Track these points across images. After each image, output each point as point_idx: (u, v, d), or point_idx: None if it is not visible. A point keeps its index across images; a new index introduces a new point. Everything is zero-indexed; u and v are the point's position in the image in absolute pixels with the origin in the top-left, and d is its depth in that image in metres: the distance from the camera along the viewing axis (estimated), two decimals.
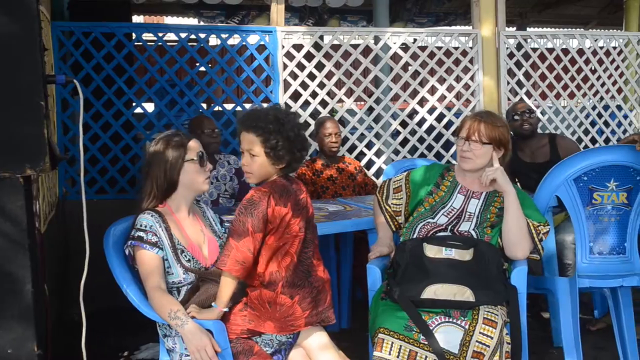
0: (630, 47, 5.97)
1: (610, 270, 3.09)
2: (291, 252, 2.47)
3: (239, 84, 5.01)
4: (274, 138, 2.43)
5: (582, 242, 3.09)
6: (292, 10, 9.31)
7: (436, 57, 5.34)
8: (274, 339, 2.49)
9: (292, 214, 2.44)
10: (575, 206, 3.08)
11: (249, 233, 2.37)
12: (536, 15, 11.06)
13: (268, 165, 2.47)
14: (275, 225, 2.42)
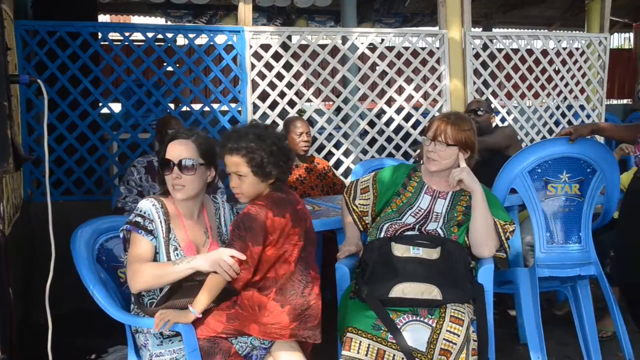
0: (592, 48, 6.09)
1: (567, 260, 3.18)
2: (289, 260, 2.45)
3: (207, 84, 4.99)
4: (258, 156, 2.42)
5: (539, 232, 3.17)
6: (260, 10, 9.30)
7: (403, 58, 5.38)
8: (248, 342, 2.47)
9: (291, 224, 2.43)
10: (531, 197, 3.16)
11: (248, 248, 2.36)
12: (501, 16, 11.21)
13: (257, 183, 2.47)
14: (275, 237, 2.41)
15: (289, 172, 2.57)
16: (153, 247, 2.48)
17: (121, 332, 2.61)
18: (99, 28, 4.90)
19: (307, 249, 2.52)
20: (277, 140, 2.49)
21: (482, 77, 5.64)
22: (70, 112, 4.68)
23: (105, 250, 2.77)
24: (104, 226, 2.82)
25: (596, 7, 6.54)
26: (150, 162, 4.09)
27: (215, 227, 2.67)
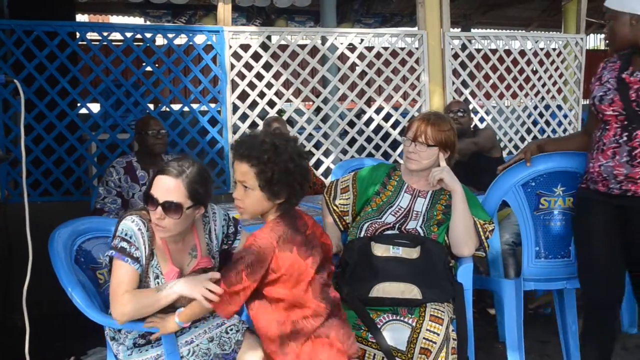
0: (568, 49, 6.15)
1: (554, 274, 3.15)
2: (309, 298, 2.19)
3: (186, 84, 4.98)
4: (269, 170, 2.10)
5: (528, 246, 3.14)
6: (239, 10, 9.29)
7: (383, 58, 5.40)
8: (204, 348, 2.42)
9: (302, 254, 2.16)
10: (523, 211, 3.12)
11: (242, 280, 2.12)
12: (480, 17, 11.30)
13: (263, 201, 2.16)
14: (283, 272, 2.14)
15: (301, 197, 2.23)
16: (138, 275, 2.35)
17: (100, 334, 2.59)
18: (77, 28, 4.87)
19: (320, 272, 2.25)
20: (297, 157, 2.15)
21: (461, 78, 5.68)
22: (48, 113, 4.65)
23: (83, 252, 2.74)
24: (83, 227, 2.79)
25: (573, 9, 6.61)
26: (130, 163, 4.07)
27: (205, 243, 2.54)
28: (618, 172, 2.62)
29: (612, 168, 2.64)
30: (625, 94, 2.61)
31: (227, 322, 2.52)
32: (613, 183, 2.64)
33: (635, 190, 2.58)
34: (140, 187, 3.99)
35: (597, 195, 2.72)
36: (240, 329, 2.53)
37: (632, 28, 2.61)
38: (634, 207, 2.60)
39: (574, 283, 3.16)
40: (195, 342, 2.42)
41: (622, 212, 2.65)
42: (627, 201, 2.62)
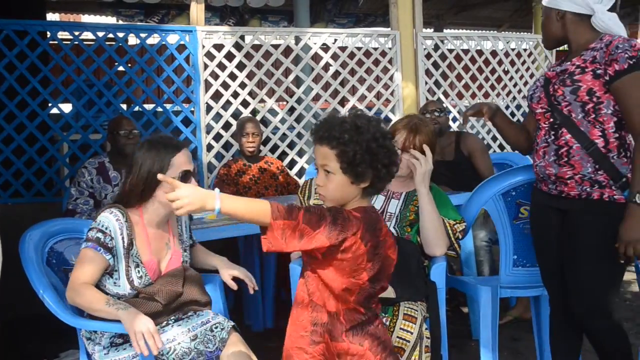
0: (539, 49, 6.23)
1: (531, 281, 3.15)
2: (356, 307, 2.02)
3: (159, 84, 4.95)
4: (351, 150, 1.93)
5: (506, 254, 3.14)
6: (212, 9, 9.25)
7: (356, 58, 5.42)
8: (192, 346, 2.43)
9: (367, 257, 1.96)
10: (503, 220, 3.12)
11: (318, 229, 1.87)
12: (452, 17, 11.37)
13: (346, 185, 1.97)
14: (346, 259, 1.93)
15: (387, 181, 2.03)
16: (107, 265, 2.40)
17: (73, 336, 2.58)
18: (48, 27, 4.81)
19: (371, 288, 2.04)
20: (380, 137, 1.97)
21: (434, 77, 5.72)
22: (18, 113, 4.59)
23: (55, 254, 2.73)
24: (54, 229, 2.77)
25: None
26: (102, 163, 4.04)
27: (177, 235, 2.64)
28: (549, 173, 2.61)
29: (544, 168, 2.64)
30: (547, 89, 2.62)
31: (213, 320, 2.54)
32: (549, 183, 2.65)
33: (568, 192, 2.58)
34: (113, 187, 3.97)
35: (543, 197, 2.73)
36: (226, 327, 2.53)
37: (558, 24, 2.62)
38: (569, 209, 2.59)
39: None
40: (177, 341, 2.42)
41: (563, 216, 2.64)
42: (564, 203, 2.61)
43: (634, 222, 2.39)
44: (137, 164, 2.48)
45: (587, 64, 2.50)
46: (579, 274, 2.60)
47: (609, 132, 2.49)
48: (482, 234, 4.03)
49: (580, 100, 2.50)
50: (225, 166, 4.53)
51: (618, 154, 2.49)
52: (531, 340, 3.57)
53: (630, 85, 2.41)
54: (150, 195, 2.49)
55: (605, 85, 2.47)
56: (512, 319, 4.10)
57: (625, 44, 2.44)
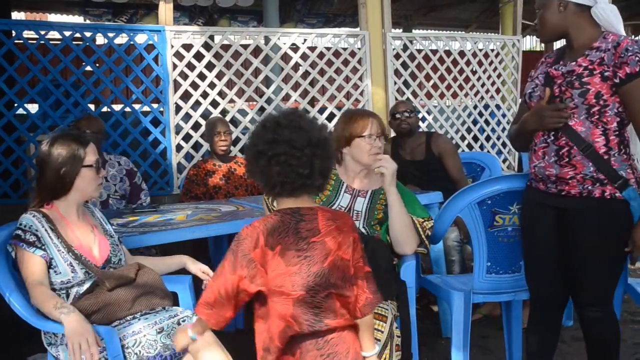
0: (506, 50, 6.31)
1: (503, 288, 3.18)
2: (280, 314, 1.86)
3: (128, 84, 4.92)
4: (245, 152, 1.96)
5: (480, 261, 3.14)
6: (181, 9, 9.21)
7: (325, 58, 5.44)
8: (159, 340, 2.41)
9: (285, 258, 1.84)
10: (478, 228, 3.12)
11: (224, 272, 1.85)
12: (421, 17, 11.46)
13: None
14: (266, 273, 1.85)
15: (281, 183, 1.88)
16: (40, 258, 2.43)
17: (40, 339, 2.55)
18: (13, 26, 4.75)
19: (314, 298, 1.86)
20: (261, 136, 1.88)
21: (403, 78, 5.76)
22: None
23: None
24: None
25: (509, 11, 6.79)
26: None
27: (99, 224, 2.69)
28: (549, 173, 2.61)
29: (544, 169, 2.63)
30: (551, 89, 2.59)
31: (181, 314, 2.53)
32: (549, 183, 2.65)
33: (569, 190, 2.58)
34: None
35: (539, 195, 2.72)
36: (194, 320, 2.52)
37: (561, 15, 2.56)
38: (570, 208, 2.60)
39: (521, 295, 3.20)
40: (142, 333, 2.41)
41: (561, 214, 2.65)
42: (563, 202, 2.61)
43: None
44: (48, 162, 2.50)
45: (595, 65, 2.47)
46: (580, 269, 2.63)
47: (610, 132, 2.49)
48: (454, 234, 4.07)
49: (588, 103, 2.48)
50: (195, 167, 4.51)
51: (619, 151, 2.50)
52: (500, 338, 3.62)
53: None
54: (68, 190, 2.53)
55: (612, 87, 2.45)
56: (481, 317, 4.15)
57: (635, 46, 2.42)
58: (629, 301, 3.66)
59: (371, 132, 2.90)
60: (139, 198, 4.15)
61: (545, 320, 2.87)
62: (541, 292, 2.85)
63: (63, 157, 2.50)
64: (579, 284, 2.67)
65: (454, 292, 3.14)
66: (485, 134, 6.32)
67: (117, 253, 2.66)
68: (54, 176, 2.50)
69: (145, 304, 2.55)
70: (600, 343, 2.70)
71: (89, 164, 2.53)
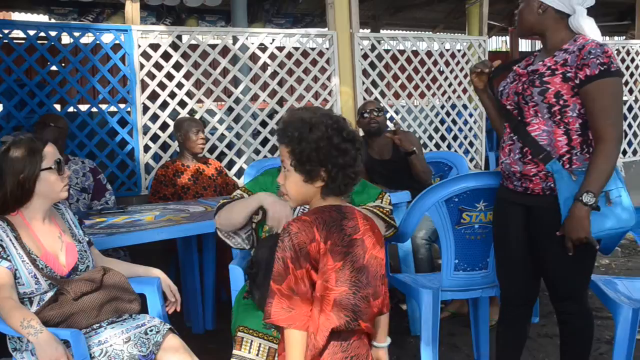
0: (472, 50, 6.39)
1: (471, 285, 3.23)
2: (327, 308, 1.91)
3: (94, 84, 4.86)
4: (299, 147, 1.93)
5: (447, 259, 3.18)
6: (148, 9, 9.15)
7: (294, 58, 5.45)
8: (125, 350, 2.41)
9: (334, 254, 1.90)
10: (445, 226, 3.15)
11: (290, 270, 1.88)
12: (388, 18, 11.52)
13: (300, 183, 1.97)
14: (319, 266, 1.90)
15: (343, 180, 1.97)
16: (6, 270, 2.37)
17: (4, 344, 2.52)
18: None
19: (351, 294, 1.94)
20: (335, 136, 1.95)
21: (371, 78, 5.80)
22: None
23: None
24: None
25: (475, 11, 6.87)
26: None
27: (67, 228, 2.63)
28: (514, 170, 2.66)
29: (510, 165, 2.68)
30: (515, 86, 2.66)
31: (148, 323, 2.52)
32: (515, 180, 2.70)
33: (533, 188, 2.63)
34: None
35: (508, 194, 2.77)
36: (162, 330, 2.51)
37: (539, 17, 2.62)
38: (534, 205, 2.65)
39: (488, 292, 3.26)
40: (109, 342, 2.40)
41: (529, 212, 2.70)
42: (529, 199, 2.67)
43: (577, 221, 2.48)
44: (4, 170, 2.44)
45: (558, 66, 2.54)
46: (552, 266, 2.69)
47: (572, 132, 2.55)
48: (422, 232, 4.10)
49: (548, 102, 2.54)
50: (163, 167, 4.49)
51: (581, 150, 2.56)
52: (468, 335, 3.67)
53: (598, 91, 2.47)
54: (29, 196, 2.47)
55: (573, 88, 2.51)
56: (449, 315, 4.19)
57: (598, 49, 2.48)
58: (592, 297, 3.72)
59: None
60: (103, 196, 4.12)
61: (515, 317, 2.92)
62: (512, 289, 2.90)
63: (20, 163, 2.43)
64: (553, 280, 2.73)
65: (422, 290, 3.17)
66: (452, 134, 6.38)
67: (85, 260, 2.60)
68: (13, 183, 2.43)
69: (112, 310, 2.53)
70: (576, 337, 2.77)
71: (48, 167, 2.47)
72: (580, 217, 2.47)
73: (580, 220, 2.47)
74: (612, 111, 2.49)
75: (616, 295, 3.11)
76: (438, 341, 3.19)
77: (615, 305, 2.99)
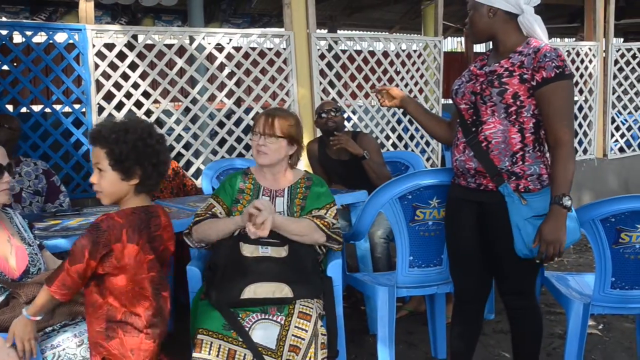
0: (428, 51, 6.45)
1: (426, 281, 3.27)
2: (147, 295, 2.29)
3: (47, 84, 4.78)
4: (117, 148, 2.19)
5: (402, 256, 3.21)
6: (103, 8, 9.04)
7: (251, 58, 5.43)
8: (79, 353, 2.39)
9: (145, 250, 2.25)
10: (399, 223, 3.19)
11: (85, 260, 2.15)
12: (345, 18, 11.57)
13: (117, 181, 2.24)
14: (126, 263, 2.21)
15: (157, 179, 2.32)
16: None
17: None
18: None
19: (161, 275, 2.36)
20: (148, 138, 2.24)
21: (328, 78, 5.82)
22: None
23: None
24: None
25: (431, 13, 6.96)
26: None
27: (16, 232, 2.60)
28: (469, 167, 2.71)
29: (464, 162, 2.73)
30: (472, 86, 2.72)
31: None
32: (469, 177, 2.75)
33: (486, 184, 2.69)
34: None
35: (460, 191, 2.82)
36: None
37: (489, 20, 2.68)
38: (488, 202, 2.70)
39: (443, 288, 3.31)
40: (62, 347, 2.37)
41: (481, 208, 2.75)
42: (483, 196, 2.72)
43: (556, 224, 2.54)
44: None
45: (515, 67, 2.61)
46: (502, 261, 2.74)
47: (526, 131, 2.63)
48: (380, 231, 4.12)
49: (506, 102, 2.61)
50: None
51: (533, 148, 2.64)
52: (425, 333, 3.72)
53: (553, 93, 2.55)
54: None
55: (529, 90, 2.59)
56: (407, 313, 4.24)
57: (553, 53, 2.56)
58: (546, 293, 3.82)
59: (257, 129, 2.97)
60: (57, 198, 4.05)
61: (468, 313, 2.97)
62: (464, 286, 2.95)
63: None
64: (503, 276, 2.80)
65: (378, 288, 3.20)
66: (409, 133, 6.45)
67: (36, 263, 2.57)
68: None
69: (66, 313, 2.49)
70: (526, 332, 2.83)
71: None
72: (559, 220, 2.54)
73: (559, 223, 2.54)
74: (567, 112, 2.58)
75: (568, 290, 3.19)
76: (395, 338, 3.23)
77: (567, 300, 3.07)
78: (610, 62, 7.52)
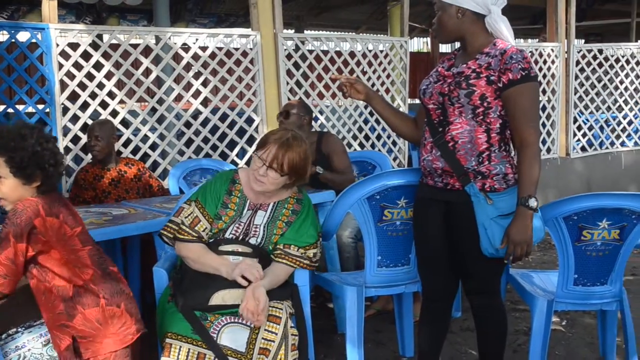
0: (394, 51, 6.50)
1: (395, 281, 3.29)
2: (87, 264, 2.32)
3: (10, 84, 4.70)
4: (17, 155, 2.24)
5: (371, 256, 3.22)
6: (67, 7, 8.91)
7: (217, 58, 5.41)
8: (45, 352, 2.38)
9: (69, 223, 2.30)
10: (367, 223, 3.19)
11: (11, 243, 2.19)
12: (312, 18, 11.59)
13: (19, 187, 2.28)
14: (52, 237, 2.25)
15: (56, 177, 2.37)
16: None
17: None
18: None
19: (95, 246, 2.43)
20: (44, 141, 2.30)
21: (295, 78, 5.82)
22: None
23: None
24: None
25: (397, 13, 7.00)
26: None
27: None
28: (436, 166, 2.73)
29: (431, 162, 2.75)
30: (440, 87, 2.73)
31: None
32: (436, 177, 2.77)
33: (453, 183, 2.71)
34: None
35: (428, 191, 2.84)
36: None
37: (458, 21, 2.69)
38: (455, 201, 2.72)
39: (411, 287, 3.34)
40: (27, 347, 2.34)
41: (448, 208, 2.76)
42: (450, 195, 2.74)
43: (523, 225, 2.57)
44: None
45: (482, 69, 2.63)
46: (467, 260, 2.77)
47: (492, 131, 2.66)
48: (347, 231, 4.13)
49: (473, 104, 2.63)
50: (83, 170, 4.39)
51: (499, 148, 2.67)
52: (393, 331, 3.74)
53: (519, 95, 2.58)
54: None
55: (496, 91, 2.62)
56: (375, 312, 4.26)
57: (519, 55, 2.59)
58: (512, 291, 3.87)
59: (264, 156, 2.77)
60: None
61: (436, 312, 3.00)
62: (432, 285, 2.97)
63: None
64: (468, 275, 2.83)
65: (346, 287, 3.22)
66: (376, 133, 6.48)
67: None
68: None
69: (31, 313, 2.46)
70: (490, 329, 2.87)
71: None
72: (526, 221, 2.57)
73: (525, 224, 2.57)
74: (532, 114, 2.62)
75: (532, 288, 3.25)
76: (364, 338, 3.24)
77: (532, 297, 3.12)
78: (572, 63, 7.66)
